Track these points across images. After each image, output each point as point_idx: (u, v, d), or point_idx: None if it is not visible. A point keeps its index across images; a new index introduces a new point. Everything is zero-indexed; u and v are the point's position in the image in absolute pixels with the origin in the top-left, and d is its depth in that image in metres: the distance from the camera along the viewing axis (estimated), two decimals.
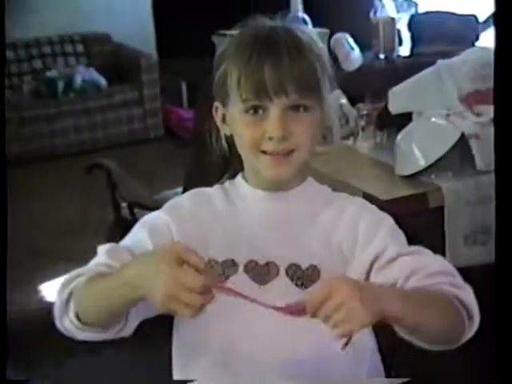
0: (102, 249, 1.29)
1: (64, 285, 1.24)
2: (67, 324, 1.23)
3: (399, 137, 2.14)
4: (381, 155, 2.25)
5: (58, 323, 1.25)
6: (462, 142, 2.04)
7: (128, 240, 1.33)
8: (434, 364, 2.13)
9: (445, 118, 2.07)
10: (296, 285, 1.25)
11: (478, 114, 2.12)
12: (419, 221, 1.98)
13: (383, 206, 1.92)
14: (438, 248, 1.80)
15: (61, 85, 5.66)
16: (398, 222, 1.96)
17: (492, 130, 2.06)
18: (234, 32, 1.33)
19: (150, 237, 1.29)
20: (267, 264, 1.26)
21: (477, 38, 3.16)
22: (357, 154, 2.31)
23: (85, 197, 4.60)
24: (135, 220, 3.17)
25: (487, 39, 3.26)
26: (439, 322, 1.16)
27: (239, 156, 1.32)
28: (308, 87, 1.23)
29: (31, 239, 4.20)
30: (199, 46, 5.14)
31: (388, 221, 1.32)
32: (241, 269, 1.27)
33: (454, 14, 3.32)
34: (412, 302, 1.12)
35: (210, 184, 1.40)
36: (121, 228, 3.31)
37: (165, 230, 1.31)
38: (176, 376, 1.38)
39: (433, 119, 2.09)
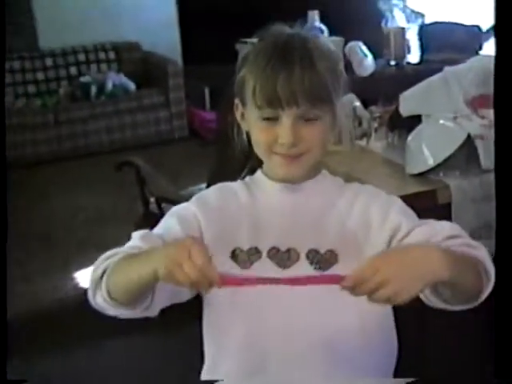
0: (136, 234, 1.29)
1: (99, 263, 1.24)
2: (99, 300, 1.23)
3: (409, 138, 2.12)
4: (392, 155, 2.23)
5: (91, 300, 1.25)
6: (469, 142, 2.02)
7: (159, 229, 1.33)
8: (436, 365, 2.12)
9: (452, 121, 2.05)
10: (315, 268, 1.26)
11: (483, 117, 2.10)
12: (428, 216, 1.95)
13: None
14: None
15: (94, 89, 5.67)
16: None
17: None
18: (255, 40, 1.32)
19: (179, 224, 1.30)
20: (288, 250, 1.27)
21: (480, 47, 3.13)
22: (370, 154, 2.30)
23: (115, 192, 4.60)
24: (162, 214, 3.17)
25: (490, 48, 3.23)
26: (468, 281, 1.15)
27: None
28: (319, 98, 1.23)
29: (66, 229, 4.21)
30: (221, 54, 5.14)
31: (397, 201, 1.32)
32: (264, 255, 1.27)
33: (459, 24, 3.30)
34: (456, 262, 1.12)
35: (232, 180, 1.40)
36: (149, 221, 3.28)
37: (192, 219, 1.31)
38: (207, 362, 1.38)
39: (441, 121, 2.07)
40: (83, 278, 3.54)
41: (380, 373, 1.32)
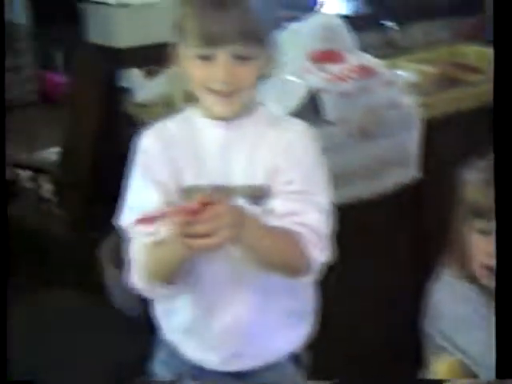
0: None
1: (132, 272, 1.31)
2: (158, 290, 1.32)
3: None
4: None
5: (152, 296, 1.37)
6: (312, 95, 2.03)
7: (135, 199, 1.33)
8: None
9: (295, 75, 2.05)
10: (249, 203, 1.29)
11: (324, 71, 2.12)
12: None
13: None
14: None
15: None
16: None
17: (335, 84, 2.07)
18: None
19: (155, 190, 1.31)
20: (225, 187, 1.30)
21: (315, 3, 3.12)
22: None
23: None
24: (15, 180, 3.02)
25: (326, 6, 3.25)
26: (272, 257, 1.25)
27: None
28: (251, 37, 1.25)
29: None
30: (69, 15, 4.93)
31: (311, 159, 1.33)
32: (203, 191, 1.28)
33: None
34: (260, 234, 1.22)
35: (85, 140, 1.36)
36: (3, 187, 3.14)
37: (156, 176, 1.32)
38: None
39: (283, 76, 2.06)
40: None
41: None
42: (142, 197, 1.32)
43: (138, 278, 1.30)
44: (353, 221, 2.09)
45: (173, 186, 1.31)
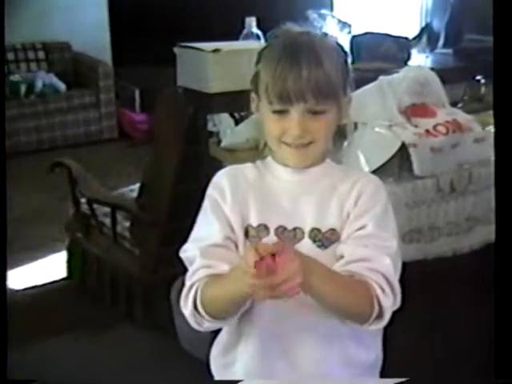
0: (196, 252, 1.32)
1: (184, 300, 1.31)
2: (206, 325, 1.32)
3: (345, 144, 2.08)
4: None
5: (197, 328, 1.33)
6: (402, 150, 1.99)
7: (199, 231, 1.37)
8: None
9: (387, 128, 2.02)
10: (317, 246, 1.31)
11: (416, 126, 2.08)
12: None
13: None
14: None
15: (23, 88, 5.47)
16: None
17: (426, 139, 2.04)
18: (195, 44, 1.33)
19: (216, 220, 1.34)
20: (294, 229, 1.33)
21: (409, 57, 3.12)
22: None
23: (43, 192, 4.43)
24: (94, 214, 3.06)
25: (418, 59, 3.24)
26: (342, 298, 1.24)
27: None
28: (324, 95, 1.28)
29: None
30: (152, 57, 5.03)
31: (377, 206, 1.34)
32: (272, 233, 1.33)
33: (389, 35, 3.28)
34: (330, 281, 1.23)
35: (168, 177, 1.35)
36: (80, 222, 3.18)
37: (220, 211, 1.36)
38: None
39: (376, 129, 2.03)
40: (10, 279, 3.36)
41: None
42: (204, 229, 1.35)
43: (189, 307, 1.31)
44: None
45: (237, 222, 1.34)
